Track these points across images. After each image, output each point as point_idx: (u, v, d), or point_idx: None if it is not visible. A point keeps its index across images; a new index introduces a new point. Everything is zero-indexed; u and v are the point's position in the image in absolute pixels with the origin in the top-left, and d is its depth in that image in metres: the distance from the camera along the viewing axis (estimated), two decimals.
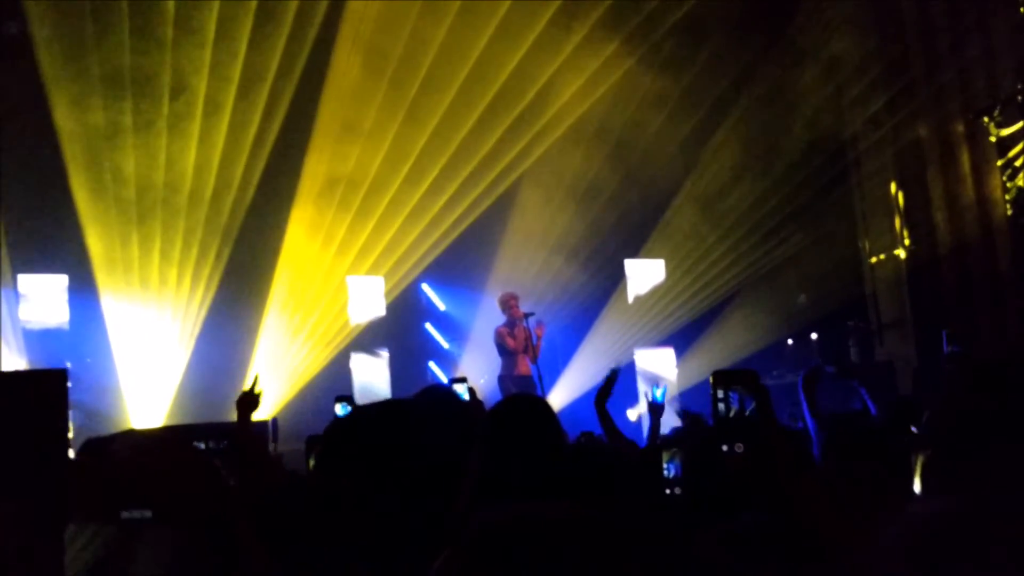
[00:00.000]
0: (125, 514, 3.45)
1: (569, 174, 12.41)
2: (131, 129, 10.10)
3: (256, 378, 4.10)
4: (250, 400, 3.98)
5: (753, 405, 3.53)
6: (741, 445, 3.39)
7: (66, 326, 10.27)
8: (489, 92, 11.27)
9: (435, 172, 11.53)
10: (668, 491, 3.78)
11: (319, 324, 11.58)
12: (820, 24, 12.28)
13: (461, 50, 11.02)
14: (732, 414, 3.54)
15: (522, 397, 3.34)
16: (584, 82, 11.68)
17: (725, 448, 3.39)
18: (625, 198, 12.57)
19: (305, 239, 11.26)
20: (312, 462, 4.17)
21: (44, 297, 10.17)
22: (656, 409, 5.35)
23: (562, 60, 11.46)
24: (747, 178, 12.57)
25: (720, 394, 3.54)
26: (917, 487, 3.76)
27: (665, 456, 3.90)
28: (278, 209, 11.19)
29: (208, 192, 10.57)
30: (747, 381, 3.51)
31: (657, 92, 12.10)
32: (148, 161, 10.25)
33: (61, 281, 10.32)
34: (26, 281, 10.14)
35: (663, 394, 5.48)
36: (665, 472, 3.90)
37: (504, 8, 10.85)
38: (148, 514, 3.33)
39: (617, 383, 5.14)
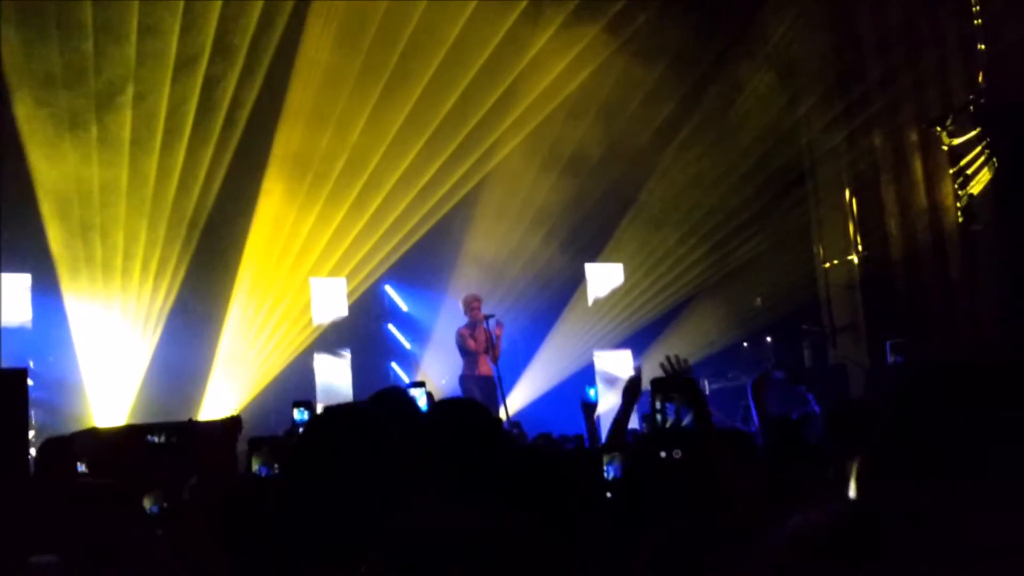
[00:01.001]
0: (35, 559, 3.51)
1: (528, 179, 12.53)
2: (94, 125, 10.08)
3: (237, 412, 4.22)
4: (235, 425, 4.10)
5: (691, 415, 3.65)
6: (679, 451, 3.49)
7: (29, 325, 10.21)
8: (452, 95, 11.39)
9: (398, 174, 11.62)
10: (608, 494, 3.90)
11: (281, 324, 11.62)
12: (776, 33, 12.48)
13: (424, 53, 11.13)
14: (669, 424, 3.66)
15: (463, 403, 3.40)
16: (545, 87, 11.83)
17: (664, 454, 3.48)
18: (584, 203, 12.72)
19: (268, 240, 11.30)
20: (255, 462, 4.26)
21: (7, 296, 10.10)
22: (589, 408, 5.37)
23: (523, 66, 11.61)
24: (704, 184, 12.75)
25: (657, 405, 3.66)
26: (852, 493, 3.91)
27: (605, 459, 4.03)
28: (241, 209, 11.22)
29: (171, 191, 10.58)
30: (684, 389, 3.64)
31: (616, 99, 12.28)
32: (111, 159, 10.22)
33: (24, 280, 10.27)
34: None
35: (596, 394, 5.53)
36: (605, 474, 4.03)
37: (466, 13, 11.00)
38: (54, 559, 3.39)
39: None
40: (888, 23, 12.15)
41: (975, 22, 11.28)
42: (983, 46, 11.12)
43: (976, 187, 11.21)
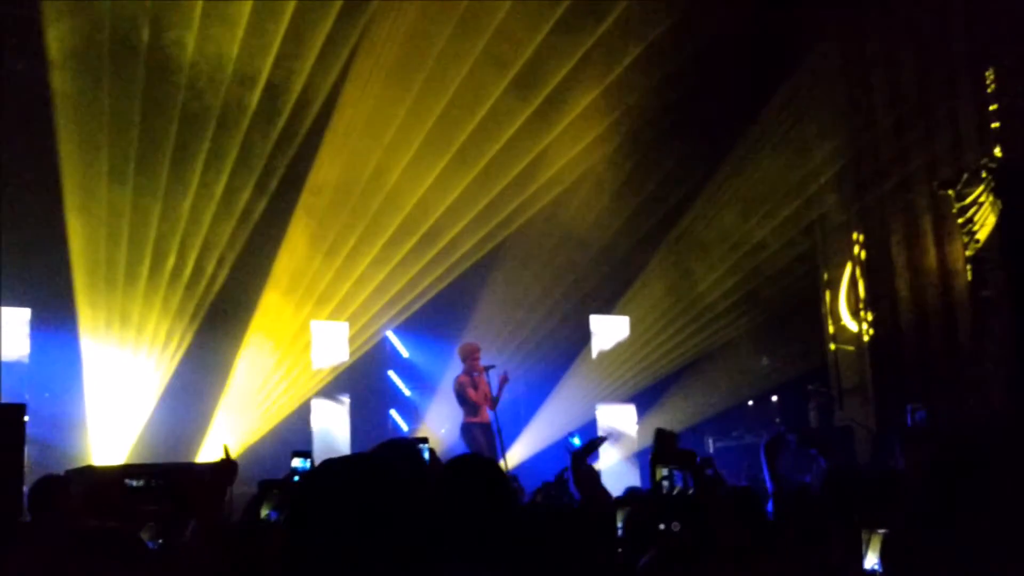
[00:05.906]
0: None
1: (548, 244, 12.63)
2: (131, 174, 10.11)
3: (226, 448, 4.09)
4: (230, 470, 3.96)
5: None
6: (678, 524, 3.38)
7: (26, 359, 10.10)
8: (473, 169, 11.54)
9: (416, 238, 11.78)
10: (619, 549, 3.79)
11: (289, 371, 11.56)
12: (793, 110, 12.62)
13: (449, 129, 11.26)
14: (676, 492, 3.56)
15: (473, 459, 3.31)
16: (564, 164, 12.06)
17: (662, 527, 3.36)
18: (599, 266, 12.78)
19: (284, 296, 11.32)
20: (266, 507, 4.15)
21: (5, 330, 10.00)
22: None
23: (546, 144, 11.79)
24: (717, 248, 12.82)
25: (664, 472, 3.55)
26: (870, 563, 3.80)
27: (620, 515, 3.91)
28: (260, 267, 11.24)
29: (197, 246, 10.64)
30: (684, 461, 3.55)
31: (635, 173, 12.40)
32: (142, 214, 10.28)
33: (23, 314, 10.17)
34: None
35: (580, 441, 5.40)
36: (620, 531, 3.92)
37: (493, 96, 11.16)
38: None
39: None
40: (903, 102, 12.17)
41: (991, 107, 11.21)
42: (997, 124, 11.07)
43: (983, 232, 11.06)
